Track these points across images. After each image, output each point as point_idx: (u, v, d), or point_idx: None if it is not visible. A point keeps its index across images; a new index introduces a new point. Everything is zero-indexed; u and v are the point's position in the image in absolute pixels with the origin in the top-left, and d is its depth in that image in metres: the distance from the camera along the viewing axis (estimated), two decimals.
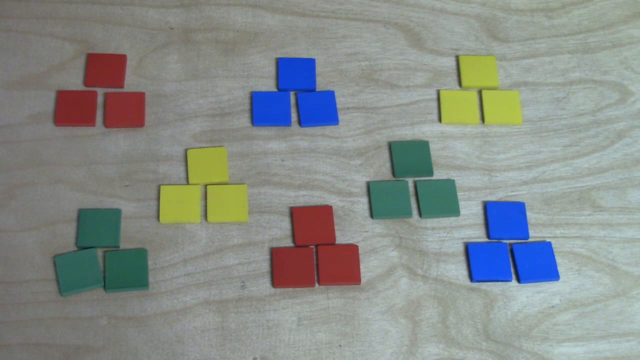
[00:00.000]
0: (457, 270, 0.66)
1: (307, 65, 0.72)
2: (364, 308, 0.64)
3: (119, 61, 0.70)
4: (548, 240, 0.67)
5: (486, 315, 0.64)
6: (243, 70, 0.71)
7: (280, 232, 0.66)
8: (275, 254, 0.65)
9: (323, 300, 0.64)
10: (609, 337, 0.64)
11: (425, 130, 0.71)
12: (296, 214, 0.66)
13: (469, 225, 0.67)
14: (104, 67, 0.70)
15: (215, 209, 0.66)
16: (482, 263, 0.65)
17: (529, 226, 0.67)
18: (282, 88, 0.71)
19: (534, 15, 0.77)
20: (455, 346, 0.63)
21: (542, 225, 0.68)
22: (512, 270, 0.66)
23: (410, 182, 0.68)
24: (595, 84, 0.74)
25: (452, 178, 0.69)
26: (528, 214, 0.68)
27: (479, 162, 0.70)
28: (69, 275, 0.62)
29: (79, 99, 0.69)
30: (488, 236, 0.67)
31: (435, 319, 0.64)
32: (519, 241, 0.67)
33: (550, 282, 0.66)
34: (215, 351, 0.62)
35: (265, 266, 0.65)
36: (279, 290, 0.64)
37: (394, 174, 0.69)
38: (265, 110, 0.70)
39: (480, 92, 0.73)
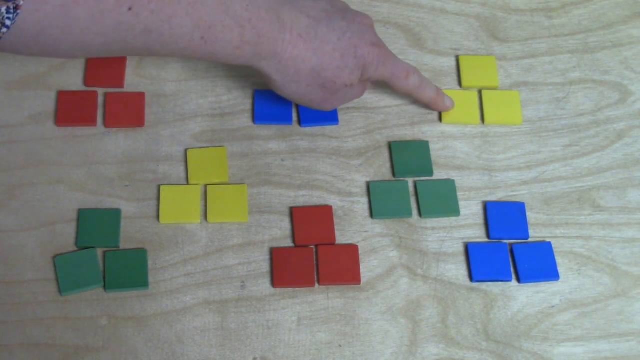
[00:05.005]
0: (457, 270, 0.66)
1: None
2: (364, 308, 0.64)
3: (119, 61, 0.70)
4: (548, 240, 0.67)
5: (486, 315, 0.64)
6: (243, 70, 0.71)
7: (280, 232, 0.66)
8: (275, 254, 0.65)
9: (323, 300, 0.64)
10: (609, 337, 0.64)
11: (425, 130, 0.71)
12: (296, 214, 0.66)
13: (469, 225, 0.67)
14: (104, 67, 0.70)
15: (215, 209, 0.66)
16: (482, 263, 0.65)
17: (529, 226, 0.67)
18: None
19: (534, 15, 0.77)
20: (455, 346, 0.63)
21: (542, 225, 0.68)
22: (512, 270, 0.66)
23: (410, 182, 0.68)
24: (595, 84, 0.74)
25: (452, 178, 0.69)
26: (528, 214, 0.68)
27: (479, 162, 0.70)
28: (69, 275, 0.62)
29: (79, 99, 0.69)
30: (488, 236, 0.67)
31: (435, 319, 0.64)
32: (519, 241, 0.67)
33: (550, 282, 0.66)
34: (215, 351, 0.62)
35: (265, 266, 0.65)
36: (279, 290, 0.64)
37: (394, 174, 0.69)
38: (266, 109, 0.70)
39: (480, 92, 0.73)
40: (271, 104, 0.70)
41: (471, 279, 0.65)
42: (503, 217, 0.67)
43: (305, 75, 0.61)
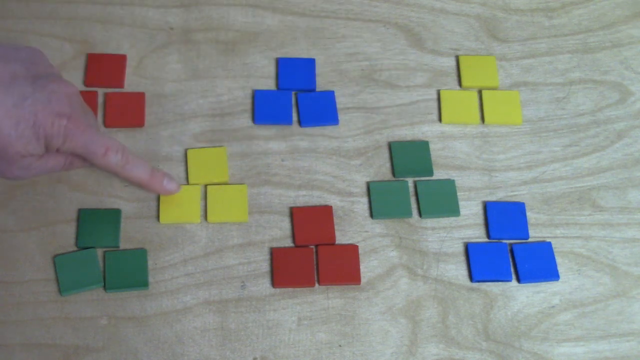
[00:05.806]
0: (457, 270, 0.66)
1: (307, 65, 0.72)
2: (364, 308, 0.64)
3: (119, 61, 0.70)
4: (548, 240, 0.67)
5: (486, 315, 0.64)
6: (243, 70, 0.71)
7: (280, 232, 0.66)
8: (275, 254, 0.65)
9: (323, 300, 0.64)
10: (609, 337, 0.64)
11: (425, 130, 0.71)
12: (296, 214, 0.66)
13: (469, 225, 0.67)
14: (104, 67, 0.70)
15: (215, 209, 0.66)
16: (482, 263, 0.65)
17: (529, 226, 0.67)
18: (282, 88, 0.71)
19: (534, 15, 0.77)
20: (455, 346, 0.63)
21: (542, 225, 0.68)
22: (512, 270, 0.66)
23: (410, 182, 0.68)
24: (595, 84, 0.74)
25: (452, 178, 0.69)
26: (528, 214, 0.68)
27: (479, 162, 0.70)
28: (69, 275, 0.62)
29: None
30: (488, 236, 0.67)
31: (435, 319, 0.64)
32: (519, 241, 0.67)
33: (550, 282, 0.66)
34: (215, 351, 0.62)
35: (265, 266, 0.65)
36: (279, 290, 0.64)
37: (394, 174, 0.69)
38: (266, 109, 0.70)
39: (480, 92, 0.73)
40: (271, 104, 0.70)
41: (471, 279, 0.65)
42: (503, 217, 0.67)
43: None
